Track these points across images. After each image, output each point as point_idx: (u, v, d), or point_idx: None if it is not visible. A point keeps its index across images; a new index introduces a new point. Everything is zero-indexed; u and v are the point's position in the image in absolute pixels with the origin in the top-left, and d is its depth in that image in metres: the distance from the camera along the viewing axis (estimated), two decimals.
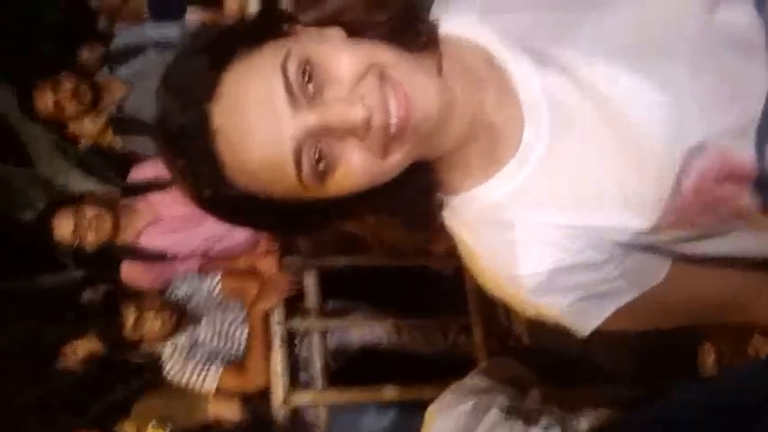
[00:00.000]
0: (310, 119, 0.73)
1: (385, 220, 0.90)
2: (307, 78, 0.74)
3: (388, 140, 0.75)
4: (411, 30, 0.83)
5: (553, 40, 0.82)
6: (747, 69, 0.79)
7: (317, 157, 0.75)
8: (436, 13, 0.88)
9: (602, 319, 0.86)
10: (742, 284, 0.90)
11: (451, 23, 0.86)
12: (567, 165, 0.82)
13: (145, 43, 3.20)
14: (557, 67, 0.81)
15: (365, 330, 2.86)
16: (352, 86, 0.74)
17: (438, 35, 0.84)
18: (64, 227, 2.61)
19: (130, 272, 2.71)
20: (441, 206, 0.88)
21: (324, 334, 2.70)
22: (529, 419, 1.44)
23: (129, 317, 2.52)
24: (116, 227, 2.67)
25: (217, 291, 2.73)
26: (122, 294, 2.62)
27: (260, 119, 0.73)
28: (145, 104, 2.97)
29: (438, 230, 0.91)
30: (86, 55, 3.79)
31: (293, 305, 2.67)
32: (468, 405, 1.46)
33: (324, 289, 2.74)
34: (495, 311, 2.55)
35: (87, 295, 2.90)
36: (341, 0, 0.85)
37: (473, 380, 1.63)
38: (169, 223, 2.72)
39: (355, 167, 0.76)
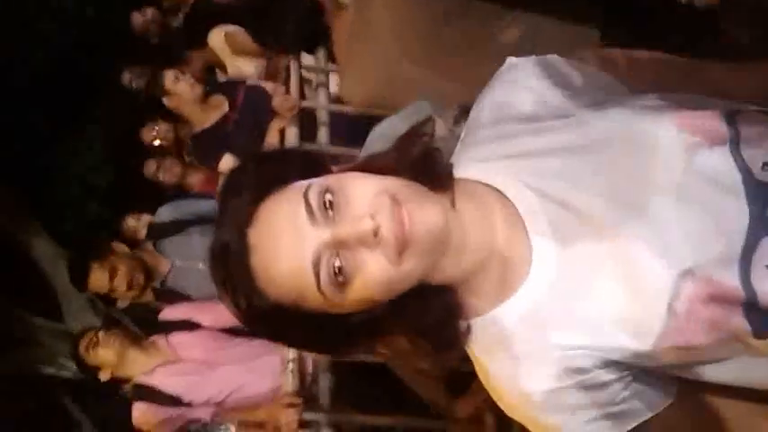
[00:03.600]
0: (326, 233, 0.84)
1: (414, 346, 0.95)
2: (327, 203, 0.84)
3: (400, 247, 0.83)
4: (429, 171, 0.93)
5: (555, 181, 0.92)
6: (728, 205, 0.87)
7: (335, 269, 0.83)
8: (455, 159, 0.99)
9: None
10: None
11: (466, 169, 0.97)
12: (572, 290, 0.89)
13: (188, 219, 3.37)
14: (559, 204, 0.91)
15: None
16: (366, 207, 0.84)
17: (453, 175, 0.95)
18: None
19: (142, 414, 2.65)
20: (465, 332, 0.93)
21: None
22: None
23: None
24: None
25: None
26: None
27: (285, 237, 0.85)
28: (187, 281, 3.14)
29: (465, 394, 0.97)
30: (131, 223, 3.96)
31: None
32: None
33: None
34: None
35: None
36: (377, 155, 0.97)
37: None
38: (185, 366, 2.70)
39: (372, 274, 0.84)
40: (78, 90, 5.34)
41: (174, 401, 2.66)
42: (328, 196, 0.85)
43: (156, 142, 4.02)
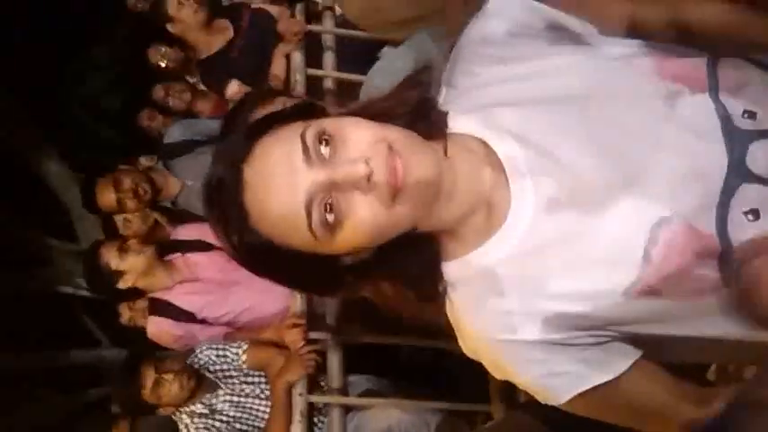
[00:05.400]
0: (320, 175, 0.85)
1: (399, 291, 0.97)
2: (324, 144, 0.86)
3: (393, 192, 0.85)
4: (425, 119, 0.95)
5: (535, 127, 0.94)
6: (707, 152, 0.89)
7: (327, 209, 0.85)
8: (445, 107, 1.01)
9: (569, 398, 0.93)
10: (682, 397, 0.96)
11: (453, 121, 0.98)
12: (552, 234, 0.91)
13: (198, 137, 3.39)
14: (538, 150, 0.93)
15: (392, 417, 2.80)
16: (362, 153, 0.85)
17: (447, 123, 0.97)
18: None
19: (157, 327, 2.74)
20: (445, 283, 0.97)
21: (345, 411, 2.65)
22: None
23: (149, 378, 2.52)
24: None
25: (240, 360, 2.71)
26: (144, 357, 2.63)
27: (279, 175, 0.86)
28: (199, 201, 3.10)
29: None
30: (144, 162, 3.99)
31: (316, 380, 2.65)
32: None
33: (349, 365, 2.71)
34: (515, 396, 2.49)
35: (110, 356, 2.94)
36: (370, 99, 0.98)
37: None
38: (203, 285, 2.77)
39: (363, 217, 0.85)
40: (83, 12, 5.29)
41: (189, 318, 2.75)
42: (325, 138, 0.86)
43: (163, 63, 4.00)
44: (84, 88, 5.79)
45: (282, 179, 0.86)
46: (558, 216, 0.91)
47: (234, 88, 3.29)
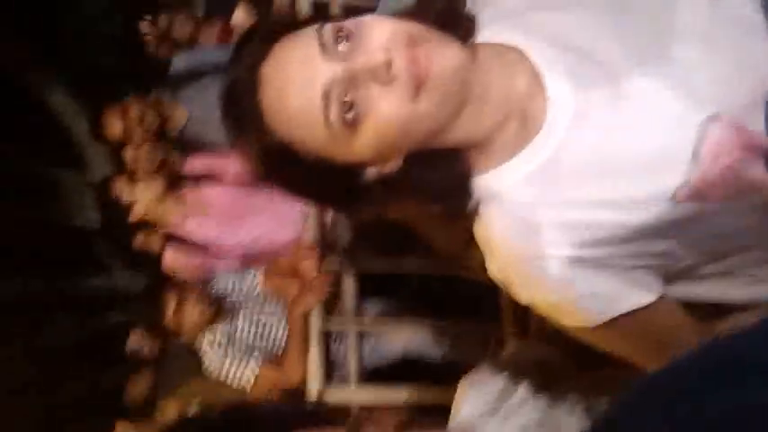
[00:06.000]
0: (339, 68, 0.81)
1: (424, 209, 0.95)
2: (344, 39, 0.82)
3: (416, 82, 0.80)
4: (453, 21, 0.90)
5: (575, 32, 0.90)
6: (754, 47, 0.86)
7: (346, 106, 0.81)
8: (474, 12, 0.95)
9: (603, 319, 0.89)
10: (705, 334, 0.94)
11: (485, 29, 0.93)
12: (589, 141, 0.87)
13: (204, 67, 3.34)
14: (577, 53, 0.88)
15: (407, 339, 2.86)
16: (382, 42, 0.81)
17: (476, 26, 0.92)
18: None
19: (173, 259, 2.79)
20: (474, 193, 0.92)
21: (360, 335, 2.71)
22: (555, 401, 1.44)
23: (170, 304, 2.57)
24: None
25: (257, 287, 2.77)
26: (164, 283, 2.67)
27: (295, 69, 0.83)
28: (205, 129, 3.15)
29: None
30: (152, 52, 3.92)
31: (332, 305, 2.70)
32: (498, 383, 1.46)
33: (362, 290, 2.75)
34: (528, 321, 2.54)
35: (128, 284, 2.98)
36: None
37: (504, 359, 1.64)
38: (216, 216, 2.80)
39: (385, 113, 0.81)
40: None
41: (204, 249, 2.79)
42: (344, 34, 0.82)
43: None
44: (80, 14, 5.67)
45: (298, 73, 0.82)
46: (599, 120, 0.87)
47: (241, 14, 3.24)
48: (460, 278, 2.79)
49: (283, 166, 0.88)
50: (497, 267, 0.93)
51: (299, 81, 0.82)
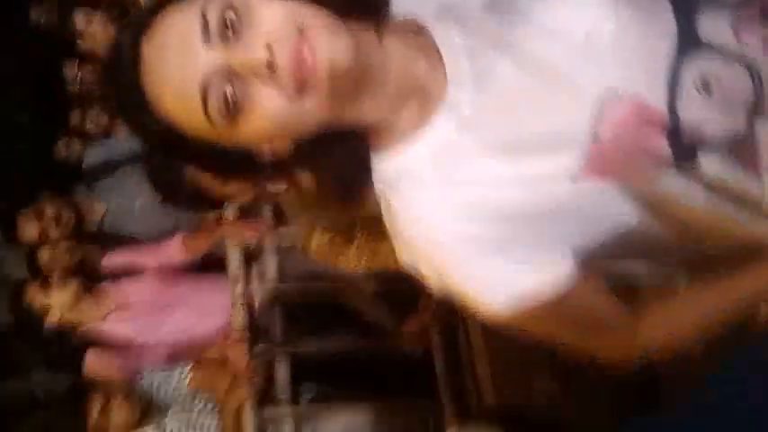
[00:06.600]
0: (219, 57, 0.77)
1: (320, 191, 0.92)
2: (228, 22, 0.77)
3: (299, 83, 0.76)
4: (362, 3, 0.86)
5: (475, 8, 0.88)
6: (656, 20, 0.85)
7: (225, 97, 0.77)
8: None
9: (507, 300, 0.85)
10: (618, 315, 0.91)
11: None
12: (489, 118, 0.85)
13: (119, 158, 3.30)
14: (474, 28, 0.87)
15: (345, 421, 2.80)
16: (266, 36, 0.76)
17: (386, 10, 0.88)
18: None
19: (95, 361, 2.68)
20: (376, 174, 0.89)
21: (298, 423, 2.64)
22: None
23: (95, 406, 2.47)
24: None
25: (186, 381, 2.68)
26: (88, 384, 2.58)
27: (174, 54, 0.78)
28: (124, 220, 3.13)
29: (411, 312, 0.91)
30: (64, 152, 3.85)
31: (265, 394, 2.63)
32: None
33: (296, 375, 2.70)
34: (465, 389, 2.53)
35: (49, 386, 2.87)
36: None
37: None
38: (137, 310, 2.73)
39: (264, 111, 0.77)
40: None
41: (126, 347, 2.70)
42: (230, 14, 0.77)
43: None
44: None
45: (177, 59, 0.78)
46: (498, 96, 0.86)
47: None
48: (394, 352, 2.77)
49: (171, 146, 0.85)
50: (406, 253, 0.90)
51: (178, 69, 0.78)
